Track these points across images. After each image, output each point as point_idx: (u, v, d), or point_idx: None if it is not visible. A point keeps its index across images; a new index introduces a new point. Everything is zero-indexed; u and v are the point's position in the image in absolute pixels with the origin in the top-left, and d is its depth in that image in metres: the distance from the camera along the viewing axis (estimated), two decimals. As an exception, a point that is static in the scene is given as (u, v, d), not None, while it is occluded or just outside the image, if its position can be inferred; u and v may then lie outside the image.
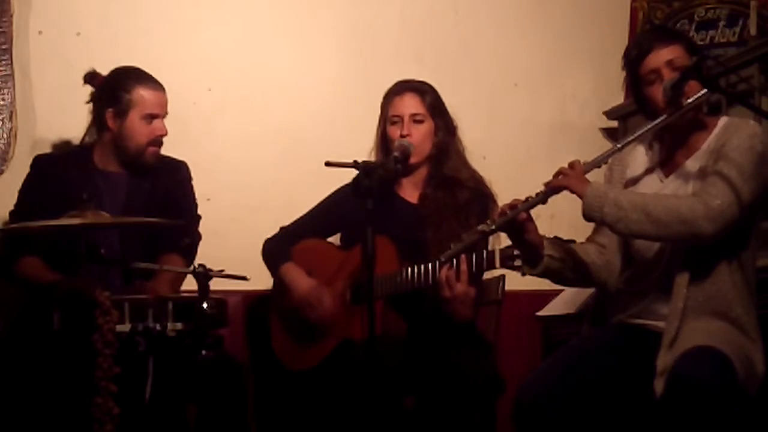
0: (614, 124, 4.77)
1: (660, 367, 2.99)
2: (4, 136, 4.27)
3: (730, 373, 2.90)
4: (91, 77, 3.94)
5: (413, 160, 3.80)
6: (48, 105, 4.34)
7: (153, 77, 3.90)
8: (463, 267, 3.52)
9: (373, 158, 3.85)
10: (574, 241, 3.35)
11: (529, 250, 3.22)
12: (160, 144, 3.89)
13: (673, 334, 3.04)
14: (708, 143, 3.15)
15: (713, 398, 2.83)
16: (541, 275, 3.26)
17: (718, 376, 2.87)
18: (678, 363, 2.92)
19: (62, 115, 4.25)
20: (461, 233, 3.54)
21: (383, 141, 3.90)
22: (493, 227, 3.15)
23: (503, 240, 3.39)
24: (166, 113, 3.90)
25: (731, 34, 4.55)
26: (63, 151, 4.19)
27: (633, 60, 3.19)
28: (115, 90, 3.86)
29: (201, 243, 4.02)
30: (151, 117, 3.85)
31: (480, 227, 3.21)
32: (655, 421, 2.99)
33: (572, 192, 3.11)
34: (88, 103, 3.94)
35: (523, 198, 3.15)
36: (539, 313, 4.56)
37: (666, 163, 3.23)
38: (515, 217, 3.13)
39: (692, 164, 3.16)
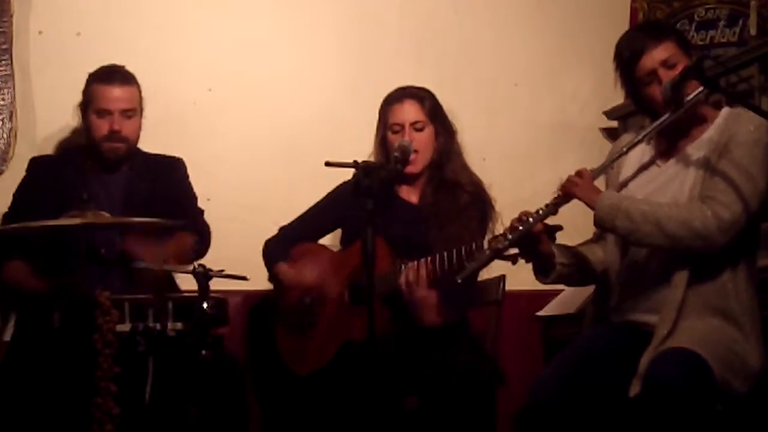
0: (614, 124, 4.76)
1: (641, 367, 3.00)
2: (4, 136, 4.27)
3: (702, 375, 2.90)
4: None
5: (416, 168, 3.79)
6: (48, 105, 4.34)
7: (117, 72, 3.88)
8: (420, 271, 3.53)
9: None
10: (560, 227, 3.32)
11: (541, 260, 3.22)
12: (119, 140, 3.85)
13: (665, 333, 3.04)
14: (710, 133, 3.14)
15: (680, 400, 2.84)
16: (552, 282, 3.27)
17: (688, 378, 2.86)
18: (652, 365, 2.94)
19: (62, 115, 4.24)
20: (464, 235, 3.55)
21: (383, 148, 3.89)
22: (507, 243, 3.13)
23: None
24: (127, 108, 3.85)
25: (731, 34, 4.55)
26: (60, 152, 4.19)
27: (626, 62, 3.18)
28: (83, 91, 3.91)
29: (201, 243, 4.03)
30: (104, 112, 3.84)
31: (493, 244, 3.19)
32: (632, 421, 3.00)
33: (583, 202, 3.11)
34: None
35: (529, 209, 3.14)
36: (539, 313, 4.56)
37: (665, 152, 3.23)
38: (530, 231, 3.12)
39: (693, 151, 3.15)
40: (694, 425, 2.85)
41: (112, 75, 3.88)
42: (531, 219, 3.11)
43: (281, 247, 3.92)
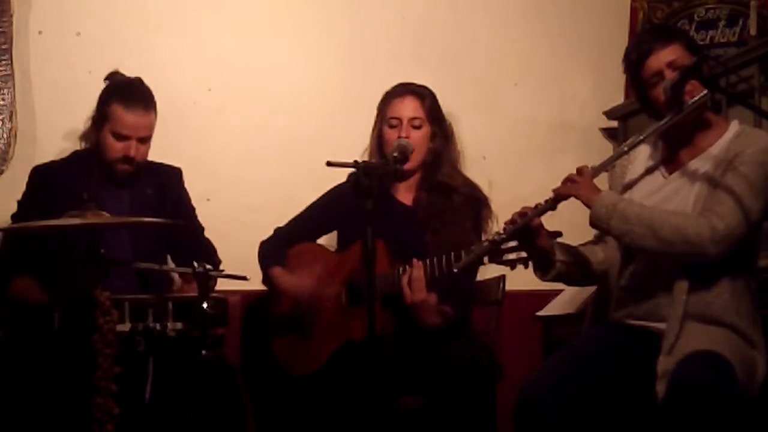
0: (614, 124, 4.76)
1: (660, 370, 2.98)
2: (4, 136, 4.27)
3: (731, 378, 2.90)
4: (110, 77, 3.90)
5: (408, 165, 3.79)
6: (48, 105, 4.34)
7: (140, 96, 3.80)
8: (416, 274, 3.53)
9: (366, 159, 3.83)
10: (560, 233, 3.33)
11: (541, 256, 3.22)
12: (131, 163, 3.80)
13: (673, 338, 3.03)
14: (717, 148, 3.13)
15: (714, 402, 2.83)
16: (552, 280, 3.27)
17: (720, 380, 2.87)
18: (680, 367, 2.92)
19: (62, 115, 4.25)
20: (460, 237, 3.55)
21: (379, 142, 3.89)
22: (504, 236, 3.14)
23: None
24: (145, 135, 3.80)
25: (731, 34, 4.55)
26: (63, 157, 4.17)
27: (633, 63, 3.18)
28: (100, 100, 3.85)
29: (201, 243, 4.02)
30: (122, 137, 3.77)
31: (491, 237, 3.20)
32: (656, 424, 2.99)
33: (581, 200, 3.11)
34: None
35: (530, 204, 3.15)
36: (539, 313, 4.56)
37: (669, 160, 3.22)
38: (527, 225, 3.12)
39: (698, 165, 3.14)
40: (723, 427, 2.84)
41: (136, 99, 3.78)
42: (529, 214, 3.12)
43: (276, 250, 3.90)
